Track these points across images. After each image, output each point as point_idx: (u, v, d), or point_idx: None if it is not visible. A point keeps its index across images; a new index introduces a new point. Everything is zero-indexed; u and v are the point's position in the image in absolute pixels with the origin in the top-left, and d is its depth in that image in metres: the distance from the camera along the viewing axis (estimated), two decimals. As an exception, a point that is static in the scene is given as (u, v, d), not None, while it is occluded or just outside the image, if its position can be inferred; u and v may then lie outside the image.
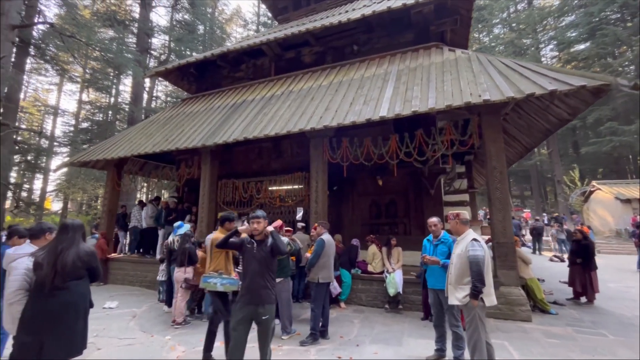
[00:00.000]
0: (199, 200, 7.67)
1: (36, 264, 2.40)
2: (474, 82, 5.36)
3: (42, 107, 35.46)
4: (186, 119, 8.50)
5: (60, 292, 2.39)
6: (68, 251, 2.45)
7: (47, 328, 2.32)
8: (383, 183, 7.62)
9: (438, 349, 3.33)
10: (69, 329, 2.40)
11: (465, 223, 2.92)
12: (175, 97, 32.48)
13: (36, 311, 2.34)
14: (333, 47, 8.93)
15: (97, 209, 32.80)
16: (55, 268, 2.38)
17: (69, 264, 2.42)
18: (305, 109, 6.61)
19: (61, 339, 2.36)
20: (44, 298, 2.36)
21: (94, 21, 24.30)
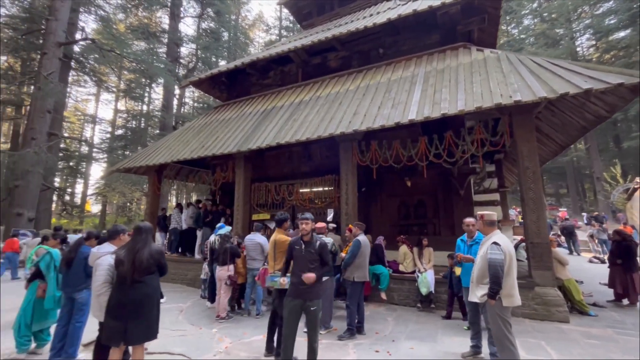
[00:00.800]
0: (232, 202, 8.12)
1: (118, 261, 2.79)
2: (504, 82, 5.36)
3: (82, 116, 38.03)
4: (219, 126, 8.98)
5: (138, 285, 2.77)
6: (143, 250, 2.84)
7: (130, 315, 2.71)
8: (412, 184, 7.71)
9: (474, 345, 3.44)
10: (147, 316, 2.78)
11: (491, 224, 3.02)
12: (202, 102, 33.80)
13: (120, 301, 2.73)
14: (359, 51, 9.11)
15: (132, 211, 34.81)
16: (134, 264, 2.76)
17: (144, 260, 2.80)
18: (334, 114, 6.83)
19: (141, 324, 2.75)
20: (126, 290, 2.75)
21: (128, 34, 25.86)
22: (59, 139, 20.85)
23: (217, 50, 31.48)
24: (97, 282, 2.87)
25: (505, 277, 2.83)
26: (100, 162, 30.30)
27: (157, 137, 25.60)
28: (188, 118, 28.80)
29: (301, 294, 2.98)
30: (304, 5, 12.58)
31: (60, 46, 17.42)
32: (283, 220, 3.89)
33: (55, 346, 3.39)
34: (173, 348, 3.93)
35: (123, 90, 31.78)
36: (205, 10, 30.87)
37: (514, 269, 2.93)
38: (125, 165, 9.53)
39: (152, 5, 25.83)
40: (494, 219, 3.05)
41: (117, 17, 26.13)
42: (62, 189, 25.07)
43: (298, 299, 2.98)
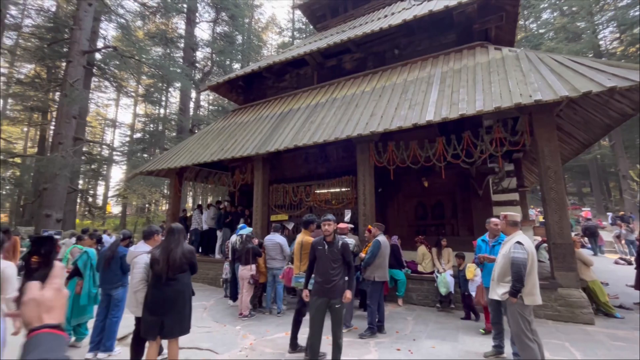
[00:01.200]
0: (251, 203, 8.31)
1: (154, 260, 2.97)
2: (523, 81, 5.31)
3: (103, 121, 39.41)
4: (237, 129, 9.20)
5: (172, 282, 2.94)
6: (176, 249, 3.01)
7: (165, 310, 2.88)
8: (429, 184, 7.70)
9: (496, 345, 3.46)
10: (181, 311, 2.95)
11: (514, 224, 3.04)
12: (217, 105, 34.44)
13: (156, 297, 2.91)
14: (374, 53, 9.16)
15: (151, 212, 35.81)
16: (168, 263, 2.94)
17: (178, 259, 2.97)
18: (351, 116, 6.91)
19: (175, 319, 2.92)
20: (161, 287, 2.92)
21: (146, 40, 26.68)
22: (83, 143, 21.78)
23: (232, 53, 32.06)
24: (134, 280, 3.06)
25: (527, 276, 2.85)
26: (120, 164, 31.34)
27: (175, 139, 26.32)
28: (204, 121, 29.47)
29: (326, 292, 3.08)
30: (318, 8, 12.69)
31: (84, 54, 18.16)
32: (310, 222, 3.99)
33: (94, 339, 3.62)
34: (201, 343, 4.11)
35: (142, 95, 32.77)
36: (220, 15, 31.50)
37: (535, 268, 2.95)
38: (148, 168, 9.88)
39: (169, 12, 26.53)
40: (517, 220, 3.07)
41: (135, 25, 26.98)
42: (85, 191, 26.07)
43: (323, 298, 3.09)
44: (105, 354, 3.61)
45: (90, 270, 4.00)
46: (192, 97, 30.24)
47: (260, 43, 38.30)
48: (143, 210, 36.94)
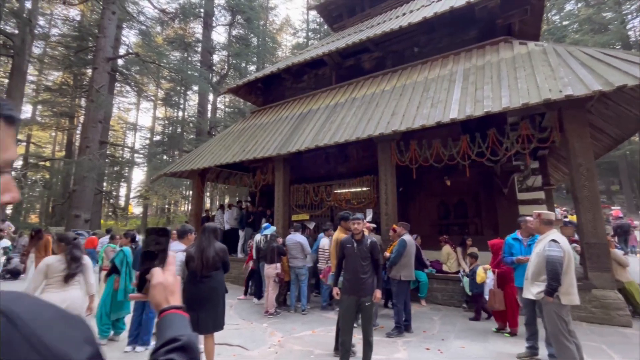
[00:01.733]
0: (271, 203, 8.44)
1: (189, 258, 3.09)
2: (552, 76, 5.17)
3: (124, 124, 40.78)
4: (258, 130, 9.35)
5: (207, 279, 3.05)
6: (209, 248, 3.12)
7: (201, 306, 2.99)
8: (451, 183, 7.59)
9: (530, 346, 3.40)
10: (215, 307, 3.07)
11: (548, 223, 2.98)
12: (233, 107, 34.97)
13: (192, 293, 3.03)
14: (393, 51, 9.10)
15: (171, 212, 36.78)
16: (202, 261, 3.05)
17: (211, 257, 3.08)
18: (372, 115, 6.91)
19: (210, 315, 3.03)
20: (197, 284, 3.04)
21: (165, 45, 27.43)
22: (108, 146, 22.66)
23: (247, 56, 32.52)
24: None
25: (563, 275, 2.79)
26: (141, 166, 32.30)
27: (193, 141, 26.96)
28: (221, 123, 30.05)
29: (356, 291, 3.11)
30: (334, 8, 12.71)
31: (108, 61, 18.89)
32: (343, 218, 3.94)
33: (132, 333, 3.79)
34: (231, 340, 4.22)
35: (162, 99, 33.76)
36: (236, 18, 32.00)
37: (572, 267, 2.89)
38: (172, 170, 10.18)
39: (187, 17, 27.16)
40: (551, 218, 3.01)
41: (155, 30, 27.75)
42: (108, 192, 27.04)
43: (353, 296, 3.12)
44: (143, 347, 3.77)
45: (126, 267, 4.18)
46: (210, 99, 30.86)
47: (274, 44, 38.64)
48: (163, 210, 38.04)
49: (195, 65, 27.88)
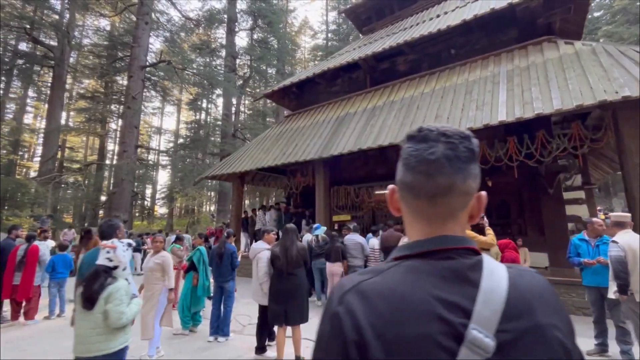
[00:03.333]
0: (308, 204, 8.72)
1: (275, 256, 3.39)
2: (605, 77, 5.18)
3: (149, 128, 42.26)
4: (295, 134, 9.67)
5: (292, 277, 3.34)
6: (292, 247, 3.40)
7: (288, 301, 3.28)
8: (492, 184, 7.62)
9: (599, 343, 3.50)
10: (300, 302, 3.36)
11: (616, 225, 3.10)
12: (256, 110, 35.64)
13: (279, 289, 3.32)
14: (428, 54, 9.20)
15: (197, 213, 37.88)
16: (287, 259, 3.33)
17: (294, 256, 3.36)
18: (414, 118, 7.07)
19: (296, 309, 3.32)
20: (283, 280, 3.33)
21: (189, 51, 28.38)
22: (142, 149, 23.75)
23: (268, 59, 33.13)
24: (259, 273, 3.50)
25: (631, 273, 2.90)
26: (167, 169, 33.44)
27: (219, 144, 27.78)
28: (245, 126, 30.78)
29: None
30: (363, 11, 12.89)
31: (142, 69, 19.82)
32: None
33: (214, 325, 4.15)
34: (308, 334, 4.51)
35: (188, 103, 34.91)
36: (257, 22, 32.67)
37: (638, 265, 2.97)
38: (213, 173, 10.67)
39: (212, 23, 27.95)
40: (620, 220, 3.12)
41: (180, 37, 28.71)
42: (140, 194, 28.19)
43: None
44: (224, 338, 4.12)
45: (203, 265, 4.55)
46: (234, 102, 31.65)
47: (293, 47, 39.13)
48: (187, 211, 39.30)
49: (219, 70, 28.67)
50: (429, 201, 0.53)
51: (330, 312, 0.48)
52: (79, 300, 1.96)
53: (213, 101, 27.91)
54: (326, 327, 0.48)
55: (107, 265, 2.00)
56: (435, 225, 0.53)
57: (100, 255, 2.02)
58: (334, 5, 41.27)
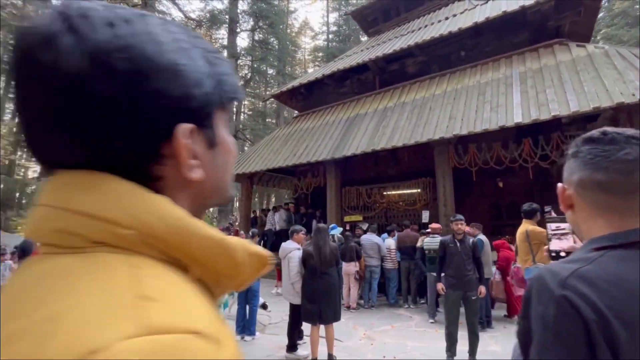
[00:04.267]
0: (317, 205, 8.75)
1: (309, 255, 3.43)
2: (620, 79, 5.27)
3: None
4: (305, 135, 9.71)
5: (326, 276, 3.39)
6: (325, 246, 3.44)
7: (322, 299, 3.33)
8: (504, 184, 7.71)
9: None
10: (334, 301, 3.40)
11: None
12: (257, 111, 35.62)
13: (313, 288, 3.36)
14: (438, 55, 9.26)
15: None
16: (321, 258, 3.37)
17: (327, 255, 3.41)
18: (428, 119, 7.13)
19: (330, 307, 3.37)
20: (317, 279, 3.37)
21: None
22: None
23: (269, 60, 33.20)
24: (291, 272, 3.54)
25: None
26: None
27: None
28: (247, 126, 30.82)
29: (462, 286, 3.38)
30: (369, 13, 12.96)
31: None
32: (534, 211, 3.68)
33: (239, 324, 4.18)
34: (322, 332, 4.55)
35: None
36: (258, 23, 32.71)
37: None
38: (222, 173, 10.68)
39: (214, 24, 27.93)
40: None
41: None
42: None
43: (459, 291, 3.39)
44: (251, 337, 4.15)
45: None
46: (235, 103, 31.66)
47: (294, 47, 39.22)
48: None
49: (221, 70, 28.48)
50: (622, 196, 0.58)
51: (554, 296, 0.52)
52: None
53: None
54: (551, 310, 0.52)
55: None
56: (628, 219, 0.58)
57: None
58: (334, 6, 41.48)
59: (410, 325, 4.89)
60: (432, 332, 4.55)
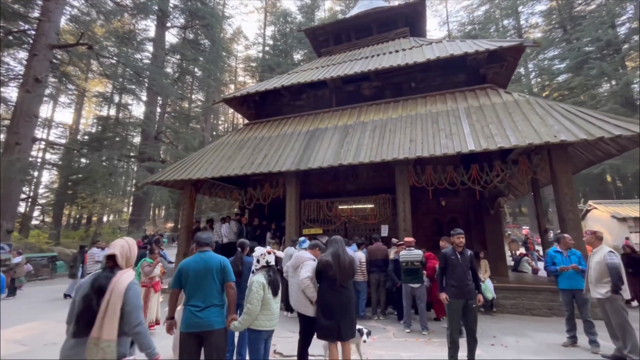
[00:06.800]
0: (264, 217, 8.44)
1: (326, 266, 3.26)
2: (543, 123, 6.59)
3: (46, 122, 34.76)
4: (262, 144, 9.35)
5: (344, 290, 3.26)
6: (344, 256, 3.33)
7: (342, 315, 3.18)
8: (445, 203, 8.71)
9: (571, 336, 4.32)
10: (352, 316, 3.28)
11: (600, 239, 4.00)
12: (181, 113, 32.81)
13: (333, 303, 3.20)
14: (391, 83, 10.15)
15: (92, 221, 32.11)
16: (340, 268, 3.25)
17: (347, 266, 3.29)
18: (390, 139, 7.67)
19: (349, 323, 3.23)
20: (336, 293, 3.22)
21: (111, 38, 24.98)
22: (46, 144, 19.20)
23: (200, 62, 31.46)
24: (302, 277, 3.30)
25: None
26: (53, 169, 27.69)
27: (139, 146, 24.61)
28: (172, 129, 28.10)
29: (464, 294, 3.65)
30: (321, 34, 13.53)
31: (52, 48, 16.51)
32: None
33: (229, 348, 3.67)
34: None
35: (97, 96, 30.25)
36: (193, 22, 30.84)
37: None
38: (160, 178, 9.44)
39: (141, 12, 25.14)
40: (602, 235, 4.02)
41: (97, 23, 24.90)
42: (30, 198, 22.64)
43: (461, 299, 3.65)
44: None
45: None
46: (159, 102, 28.66)
47: (225, 53, 38.02)
48: (79, 221, 33.08)
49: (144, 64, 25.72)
50: None
51: None
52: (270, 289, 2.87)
53: (137, 95, 24.59)
54: None
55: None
56: None
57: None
58: (272, 20, 41.87)
59: (389, 336, 5.00)
60: (414, 341, 4.73)
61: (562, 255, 4.55)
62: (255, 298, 2.81)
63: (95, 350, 1.75)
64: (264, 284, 2.89)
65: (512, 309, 6.37)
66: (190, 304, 2.58)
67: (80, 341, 1.81)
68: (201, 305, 2.56)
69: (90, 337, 1.79)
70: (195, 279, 2.61)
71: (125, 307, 1.87)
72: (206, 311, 2.55)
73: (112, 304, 1.83)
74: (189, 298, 2.61)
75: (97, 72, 26.90)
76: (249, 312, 2.79)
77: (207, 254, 2.76)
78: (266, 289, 2.89)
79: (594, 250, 4.02)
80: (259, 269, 3.01)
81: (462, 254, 3.82)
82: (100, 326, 1.79)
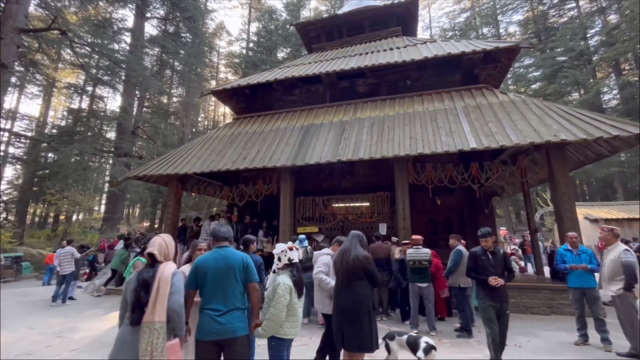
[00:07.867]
0: (259, 215, 8.12)
1: (334, 262, 3.01)
2: (542, 123, 6.65)
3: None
4: (254, 138, 8.96)
5: (348, 290, 2.91)
6: (349, 252, 3.02)
7: (344, 320, 2.86)
8: (440, 202, 8.67)
9: (583, 334, 4.28)
10: (358, 324, 2.82)
11: (617, 236, 3.98)
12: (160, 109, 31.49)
13: (336, 304, 2.92)
14: (386, 80, 10.04)
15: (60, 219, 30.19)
16: (342, 265, 2.96)
17: (350, 262, 2.94)
18: (389, 136, 7.52)
19: (354, 331, 2.81)
20: (340, 294, 2.92)
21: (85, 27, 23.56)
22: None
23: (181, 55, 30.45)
24: (314, 273, 3.04)
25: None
26: (17, 164, 25.91)
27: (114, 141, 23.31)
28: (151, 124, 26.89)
29: (497, 298, 3.47)
30: (312, 29, 13.26)
31: (20, 32, 15.25)
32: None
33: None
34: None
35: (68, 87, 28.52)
36: (175, 14, 29.75)
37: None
38: (143, 172, 8.82)
39: (117, 1, 23.90)
40: (619, 233, 4.00)
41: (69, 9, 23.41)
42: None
43: (497, 303, 3.47)
44: None
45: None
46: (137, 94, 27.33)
47: (207, 48, 37.05)
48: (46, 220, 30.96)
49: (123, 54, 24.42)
50: None
51: None
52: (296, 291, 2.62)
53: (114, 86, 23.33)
54: None
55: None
56: None
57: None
58: (257, 16, 41.14)
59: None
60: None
61: (572, 254, 4.52)
62: (281, 303, 2.47)
63: (149, 332, 1.97)
64: (291, 287, 2.56)
65: (512, 308, 6.29)
66: (208, 308, 2.23)
67: (136, 329, 2.01)
68: (222, 309, 2.23)
69: (143, 322, 2.00)
70: (214, 278, 2.27)
71: (171, 289, 2.10)
72: (228, 315, 2.21)
73: (162, 290, 2.06)
74: (207, 301, 2.26)
75: (68, 61, 25.40)
76: (273, 319, 2.46)
77: (227, 250, 2.42)
78: (293, 293, 2.57)
79: (609, 248, 4.01)
80: (281, 268, 2.69)
81: (493, 253, 3.66)
82: (152, 311, 2.01)
